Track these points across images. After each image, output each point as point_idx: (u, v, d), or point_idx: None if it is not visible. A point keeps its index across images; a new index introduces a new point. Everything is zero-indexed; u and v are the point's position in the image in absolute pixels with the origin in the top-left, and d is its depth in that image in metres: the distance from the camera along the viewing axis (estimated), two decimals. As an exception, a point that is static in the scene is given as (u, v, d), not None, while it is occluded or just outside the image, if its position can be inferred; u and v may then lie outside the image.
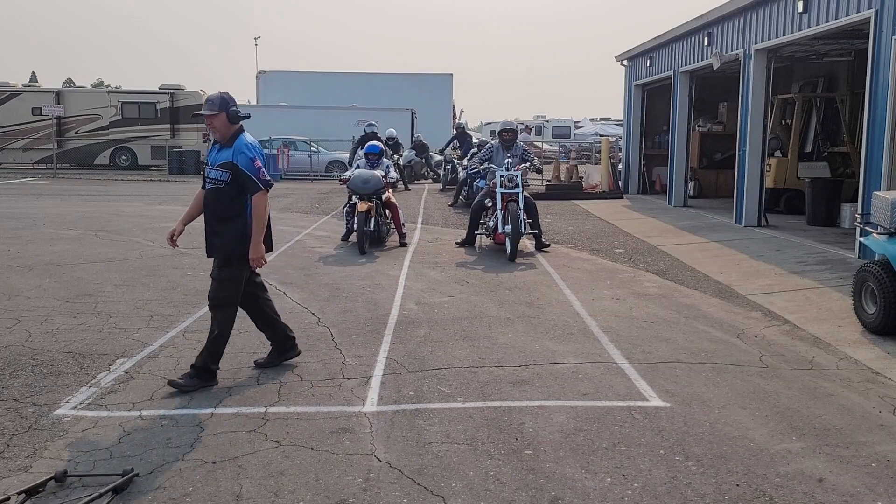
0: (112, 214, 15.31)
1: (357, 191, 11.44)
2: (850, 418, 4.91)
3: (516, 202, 10.77)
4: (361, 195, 11.35)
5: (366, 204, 11.17)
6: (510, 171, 11.00)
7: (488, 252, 11.23)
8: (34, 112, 29.14)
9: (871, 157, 9.96)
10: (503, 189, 10.91)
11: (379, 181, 11.54)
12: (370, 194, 11.37)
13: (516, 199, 10.84)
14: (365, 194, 11.34)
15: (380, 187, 11.49)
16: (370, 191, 11.36)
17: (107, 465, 4.13)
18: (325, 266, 10.01)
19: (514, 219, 10.46)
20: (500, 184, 10.96)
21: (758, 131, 13.77)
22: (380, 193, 11.54)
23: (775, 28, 12.78)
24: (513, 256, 10.41)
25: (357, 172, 11.90)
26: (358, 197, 11.42)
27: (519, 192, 10.89)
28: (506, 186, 10.91)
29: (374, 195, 11.41)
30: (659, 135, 21.64)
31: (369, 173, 11.69)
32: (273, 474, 4.03)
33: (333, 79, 33.01)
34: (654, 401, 5.16)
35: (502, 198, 10.88)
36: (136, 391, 5.27)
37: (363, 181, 11.45)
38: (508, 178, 10.93)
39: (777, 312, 7.78)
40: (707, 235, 12.94)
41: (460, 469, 4.11)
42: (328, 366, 5.85)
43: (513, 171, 11.00)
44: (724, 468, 4.14)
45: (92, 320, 7.11)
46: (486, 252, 11.25)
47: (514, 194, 10.89)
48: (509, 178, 10.93)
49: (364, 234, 10.95)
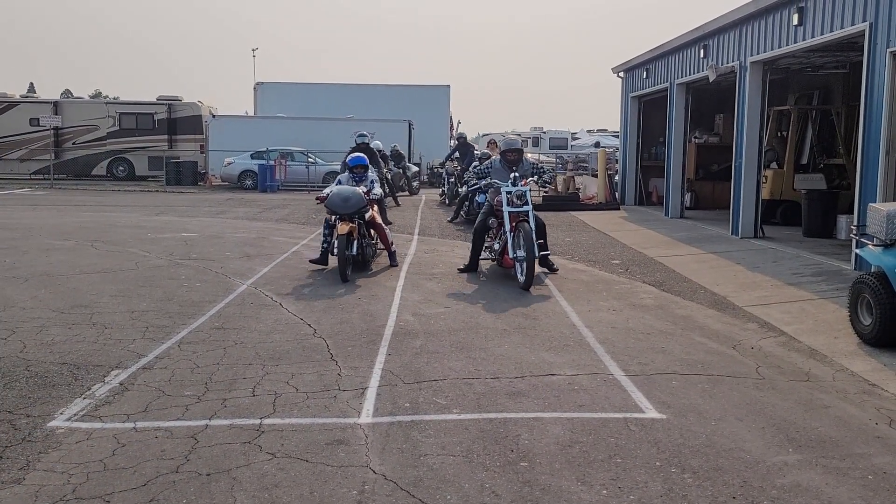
0: (109, 225, 15.29)
1: (336, 210, 10.13)
2: (847, 430, 4.90)
3: (528, 222, 9.54)
4: (342, 215, 10.07)
5: (347, 225, 9.81)
6: (517, 186, 9.80)
7: (493, 277, 10.11)
8: (32, 123, 29.20)
9: (867, 168, 9.99)
10: (511, 207, 9.66)
11: (361, 199, 10.25)
12: (351, 214, 10.09)
13: (527, 218, 9.61)
14: (345, 214, 10.06)
15: (362, 206, 10.24)
16: (351, 210, 10.08)
17: (100, 477, 4.11)
18: (321, 277, 9.99)
19: (527, 241, 9.18)
20: (506, 201, 9.72)
21: (754, 143, 13.81)
22: (362, 213, 10.30)
23: (770, 41, 12.85)
24: (528, 284, 9.14)
25: (337, 189, 10.49)
26: (338, 217, 10.12)
27: (529, 210, 9.65)
28: (514, 204, 9.67)
29: (355, 215, 10.13)
30: (655, 146, 21.70)
31: (350, 190, 10.37)
32: (267, 487, 4.01)
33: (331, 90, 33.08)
34: (650, 412, 5.15)
35: (511, 217, 9.64)
36: (131, 403, 5.25)
37: (343, 199, 10.15)
38: (517, 195, 9.68)
39: (773, 324, 7.78)
40: (703, 247, 12.96)
41: (455, 481, 4.09)
42: (324, 377, 5.83)
43: (520, 186, 9.83)
44: (720, 480, 4.13)
45: (87, 331, 7.09)
46: (490, 277, 10.08)
47: (524, 213, 9.65)
48: (518, 194, 9.69)
49: (346, 259, 9.68)
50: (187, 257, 11.37)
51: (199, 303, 8.33)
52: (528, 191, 9.84)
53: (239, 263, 10.90)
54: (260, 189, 26.23)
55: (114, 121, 29.96)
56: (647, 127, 21.73)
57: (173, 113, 30.10)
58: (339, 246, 9.66)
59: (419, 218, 17.60)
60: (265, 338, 6.94)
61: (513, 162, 10.34)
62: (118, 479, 4.07)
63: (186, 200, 22.31)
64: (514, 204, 9.68)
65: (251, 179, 26.91)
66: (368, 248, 10.61)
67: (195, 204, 21.08)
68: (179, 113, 30.19)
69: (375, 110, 29.84)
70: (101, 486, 3.99)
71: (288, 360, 6.24)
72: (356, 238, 9.96)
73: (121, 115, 30.08)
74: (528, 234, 9.24)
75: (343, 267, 9.61)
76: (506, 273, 10.10)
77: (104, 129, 29.90)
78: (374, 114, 29.11)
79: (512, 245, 9.48)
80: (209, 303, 8.32)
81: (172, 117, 30.08)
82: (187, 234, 13.98)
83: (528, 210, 9.68)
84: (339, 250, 9.66)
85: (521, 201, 9.69)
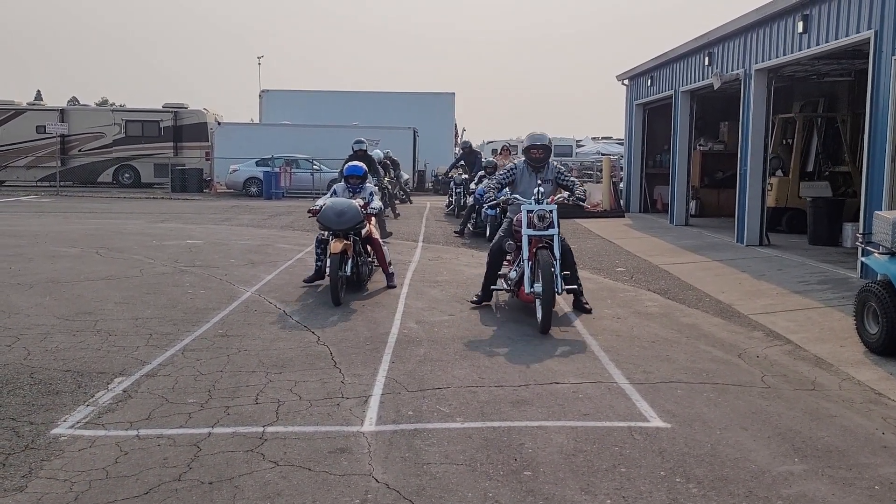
0: (114, 232, 15.33)
1: (330, 226, 9.07)
2: (853, 440, 4.86)
3: (549, 248, 7.85)
4: (335, 231, 9.05)
5: (341, 243, 8.81)
6: (542, 203, 8.08)
7: (510, 314, 8.22)
8: (38, 130, 29.31)
9: (872, 176, 9.96)
10: (532, 230, 7.93)
11: (357, 213, 9.12)
12: (346, 230, 9.05)
13: (550, 244, 7.93)
14: (340, 230, 9.03)
15: (358, 221, 9.13)
16: (346, 226, 9.01)
17: (103, 485, 4.10)
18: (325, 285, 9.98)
19: (545, 273, 7.43)
20: (527, 222, 7.97)
21: (759, 151, 13.79)
22: (359, 229, 9.22)
23: (775, 48, 12.84)
24: (545, 327, 7.41)
25: (331, 202, 9.34)
26: (331, 233, 9.08)
27: (555, 235, 7.94)
28: (535, 226, 7.92)
29: (351, 231, 9.10)
30: (660, 154, 21.68)
31: (345, 203, 9.26)
32: (269, 495, 4.00)
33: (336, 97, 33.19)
34: (654, 421, 5.12)
35: (531, 242, 7.95)
36: (134, 410, 5.24)
37: (337, 213, 9.05)
38: (539, 216, 7.91)
39: (779, 332, 7.75)
40: (709, 254, 12.92)
41: (459, 490, 4.07)
42: (327, 385, 5.82)
43: (545, 203, 8.09)
44: (725, 490, 4.10)
45: (91, 338, 7.09)
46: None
47: (547, 237, 7.97)
48: (540, 214, 7.92)
49: (339, 281, 8.62)
50: (192, 264, 11.38)
51: (204, 310, 8.33)
52: (555, 210, 8.04)
53: (243, 271, 10.90)
54: (265, 196, 26.30)
55: (120, 128, 30.09)
56: (651, 134, 21.73)
57: (179, 120, 30.22)
58: (332, 266, 8.64)
59: (423, 225, 17.60)
60: (269, 345, 6.94)
61: (539, 161, 8.61)
62: (120, 487, 4.06)
63: (191, 207, 22.37)
64: (536, 226, 7.93)
65: (256, 186, 27.00)
66: (364, 267, 9.58)
67: (200, 211, 21.13)
68: (185, 120, 30.31)
69: (380, 118, 29.93)
70: (103, 494, 3.99)
71: (291, 368, 6.23)
72: (351, 256, 8.99)
73: (127, 122, 30.21)
74: (546, 265, 7.48)
75: (335, 290, 8.59)
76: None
77: (110, 137, 30.03)
78: (378, 121, 29.20)
79: (529, 278, 7.80)
80: (213, 310, 8.32)
81: (178, 125, 30.20)
82: (192, 242, 14.01)
83: (554, 234, 7.92)
84: (332, 271, 8.64)
85: (543, 223, 7.91)
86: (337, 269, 8.60)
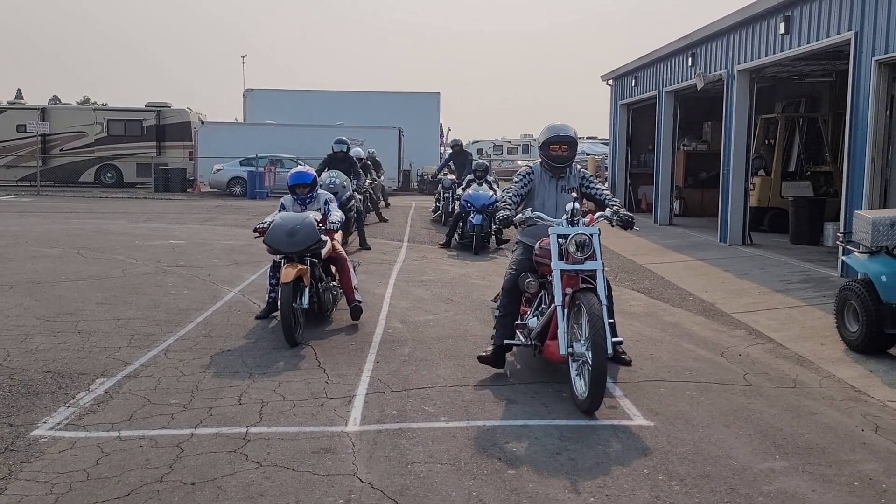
0: (96, 232, 15.20)
1: (279, 248, 7.23)
2: (833, 437, 4.91)
3: (595, 292, 5.35)
4: (287, 255, 7.26)
5: (294, 268, 7.00)
6: (578, 225, 5.61)
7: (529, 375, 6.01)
8: (19, 129, 29.00)
9: (853, 176, 10.06)
10: (567, 264, 5.51)
11: (312, 230, 7.27)
12: (301, 252, 7.23)
13: (594, 284, 5.45)
14: (293, 253, 7.21)
15: (315, 240, 7.27)
16: (300, 247, 7.18)
17: (84, 486, 4.06)
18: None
19: (595, 328, 5.05)
20: (557, 253, 5.55)
21: (741, 151, 13.89)
22: (316, 249, 7.38)
23: (757, 49, 12.94)
24: (593, 405, 5.15)
25: (279, 219, 7.46)
26: (283, 257, 7.34)
27: (598, 270, 5.51)
28: (572, 258, 5.51)
29: (306, 253, 7.28)
30: (644, 154, 21.80)
31: (298, 219, 7.37)
32: (253, 496, 3.98)
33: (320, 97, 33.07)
34: (638, 420, 5.14)
35: (565, 281, 5.50)
36: (116, 411, 5.20)
37: (288, 233, 7.20)
38: (577, 243, 5.47)
39: (761, 331, 7.81)
40: (692, 254, 13.00)
41: (443, 489, 4.07)
42: (311, 385, 5.80)
43: (581, 226, 5.62)
44: (707, 487, 4.12)
45: (72, 339, 7.03)
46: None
47: (587, 273, 5.51)
48: (579, 241, 5.48)
49: (292, 314, 6.79)
50: (175, 264, 11.31)
51: (186, 310, 8.28)
52: (597, 235, 5.62)
53: (227, 271, 10.84)
54: (249, 196, 26.15)
55: (102, 127, 29.82)
56: (636, 134, 21.84)
57: (162, 119, 30.00)
58: (283, 299, 6.80)
59: (409, 226, 17.57)
60: (252, 346, 6.90)
61: (560, 162, 6.20)
62: (101, 489, 4.03)
63: (175, 207, 22.21)
64: (573, 258, 5.51)
65: (240, 186, 26.83)
66: (327, 293, 7.73)
67: (183, 211, 20.99)
68: (168, 119, 30.09)
69: (365, 117, 29.85)
70: (84, 497, 3.95)
71: (275, 368, 6.20)
72: (307, 284, 7.18)
73: (109, 121, 29.94)
74: (595, 316, 5.10)
75: (288, 328, 6.76)
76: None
77: (92, 136, 29.75)
78: (363, 121, 29.13)
79: (566, 332, 5.40)
80: (196, 310, 8.27)
81: (161, 124, 29.98)
82: (175, 242, 13.91)
83: (597, 269, 5.52)
84: (283, 304, 6.80)
85: (582, 254, 5.49)
86: (289, 301, 6.78)
